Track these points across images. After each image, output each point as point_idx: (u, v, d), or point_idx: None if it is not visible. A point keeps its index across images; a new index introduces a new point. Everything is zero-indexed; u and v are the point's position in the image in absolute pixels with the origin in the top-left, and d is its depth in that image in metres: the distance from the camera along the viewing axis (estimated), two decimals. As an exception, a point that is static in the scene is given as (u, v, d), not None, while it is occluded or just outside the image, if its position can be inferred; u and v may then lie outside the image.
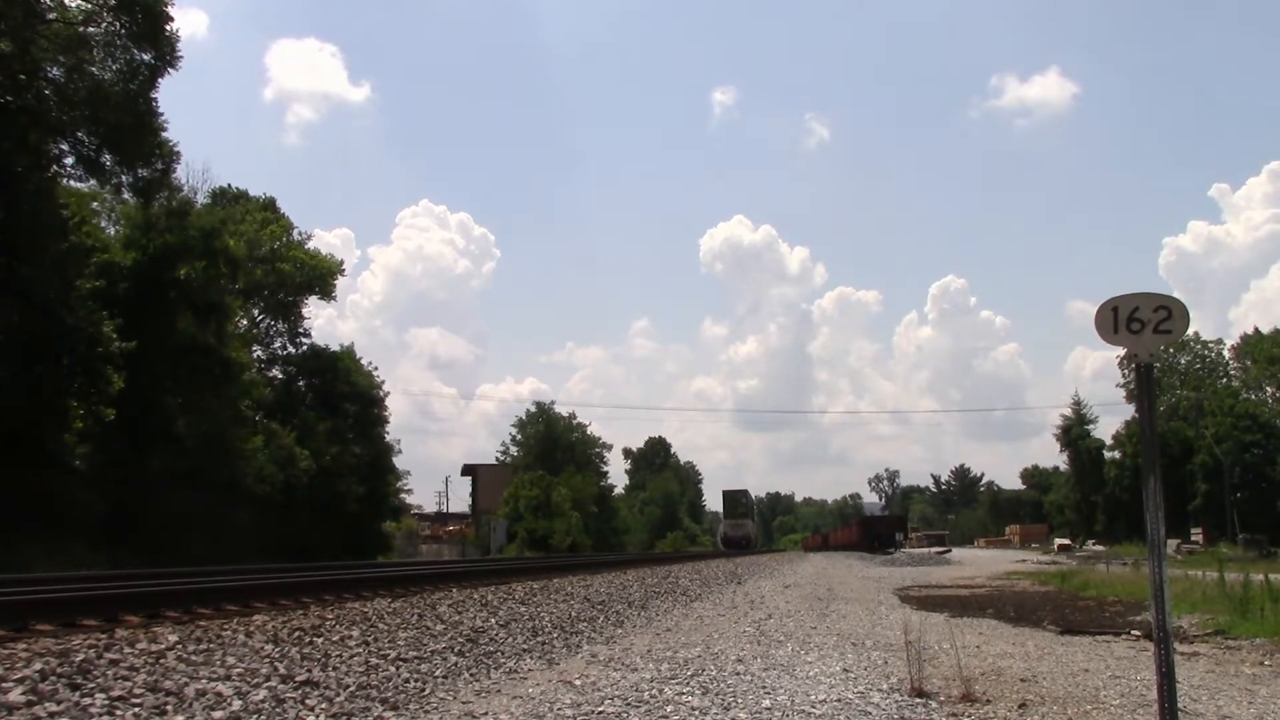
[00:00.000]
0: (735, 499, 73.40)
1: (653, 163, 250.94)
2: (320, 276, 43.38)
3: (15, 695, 4.44)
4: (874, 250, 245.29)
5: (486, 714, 5.20)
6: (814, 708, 5.47)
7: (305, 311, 44.17)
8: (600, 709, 5.33)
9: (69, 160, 24.87)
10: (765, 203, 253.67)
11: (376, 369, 45.71)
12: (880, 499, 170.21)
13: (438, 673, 6.35)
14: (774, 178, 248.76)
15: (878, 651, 8.22)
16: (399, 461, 47.36)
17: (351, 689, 5.51)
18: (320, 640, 6.90)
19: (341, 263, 45.25)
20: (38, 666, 5.01)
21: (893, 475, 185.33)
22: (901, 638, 8.02)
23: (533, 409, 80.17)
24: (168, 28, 24.35)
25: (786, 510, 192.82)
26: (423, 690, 5.77)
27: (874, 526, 72.14)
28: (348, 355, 44.23)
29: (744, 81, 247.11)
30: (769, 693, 5.91)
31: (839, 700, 5.70)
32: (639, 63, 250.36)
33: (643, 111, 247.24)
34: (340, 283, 45.22)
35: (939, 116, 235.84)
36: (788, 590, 17.83)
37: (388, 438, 45.95)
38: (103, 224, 29.37)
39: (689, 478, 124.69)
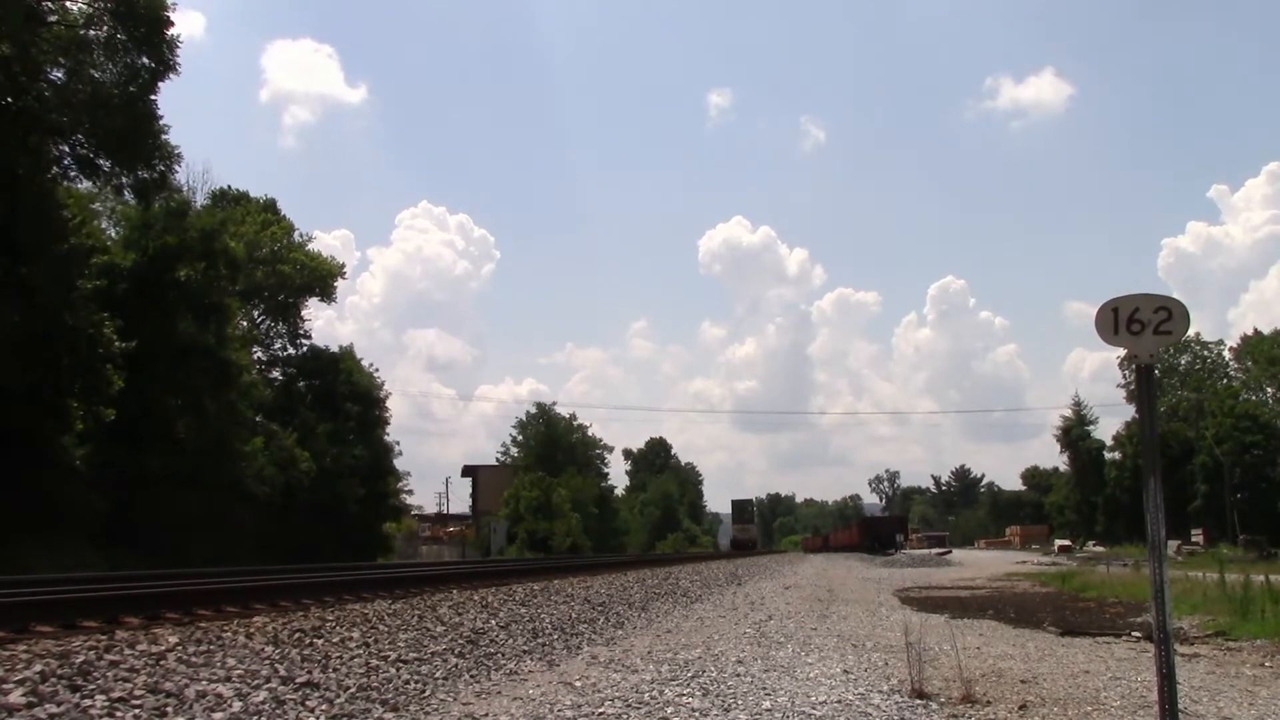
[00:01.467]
0: (743, 507, 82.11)
1: (651, 164, 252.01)
2: (321, 278, 43.35)
3: (16, 697, 4.44)
4: (873, 251, 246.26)
5: (487, 715, 5.20)
6: (814, 709, 5.47)
7: (305, 313, 44.24)
8: (600, 710, 5.33)
9: (69, 162, 24.89)
10: (764, 204, 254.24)
11: (377, 370, 45.76)
12: (880, 500, 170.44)
13: (438, 674, 6.35)
14: (772, 179, 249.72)
15: (878, 653, 8.21)
16: (399, 462, 47.40)
17: (352, 690, 5.51)
18: (320, 642, 6.90)
19: (342, 265, 45.33)
20: (38, 668, 5.01)
21: (893, 476, 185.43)
22: (902, 639, 8.01)
23: (533, 410, 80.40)
24: (168, 33, 24.37)
25: (787, 511, 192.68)
26: (423, 692, 5.78)
27: (874, 527, 72.12)
28: (348, 356, 44.14)
29: (740, 84, 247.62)
30: (769, 694, 5.91)
31: (839, 702, 5.69)
32: (636, 65, 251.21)
33: (640, 113, 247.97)
34: (339, 284, 45.28)
35: (934, 118, 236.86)
36: (788, 591, 17.83)
37: (388, 438, 45.99)
38: (103, 225, 29.36)
39: (689, 479, 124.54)
